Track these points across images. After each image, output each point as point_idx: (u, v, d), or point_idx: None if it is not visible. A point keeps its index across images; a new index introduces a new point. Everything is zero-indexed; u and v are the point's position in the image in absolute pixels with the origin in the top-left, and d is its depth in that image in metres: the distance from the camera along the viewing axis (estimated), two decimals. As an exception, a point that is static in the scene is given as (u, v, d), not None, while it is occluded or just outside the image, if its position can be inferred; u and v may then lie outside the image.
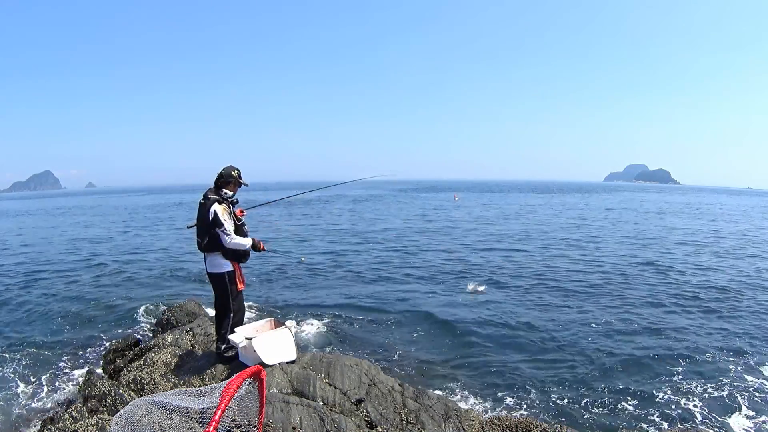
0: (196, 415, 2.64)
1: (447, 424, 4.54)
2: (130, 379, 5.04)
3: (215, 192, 4.86)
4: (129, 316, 9.61)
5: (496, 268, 13.77)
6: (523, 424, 4.69)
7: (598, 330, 8.42)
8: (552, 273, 13.13)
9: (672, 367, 6.95)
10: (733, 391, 6.21)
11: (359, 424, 4.32)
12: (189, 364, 5.27)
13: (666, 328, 8.49)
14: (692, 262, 15.02)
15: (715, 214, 38.88)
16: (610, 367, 6.90)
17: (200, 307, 8.26)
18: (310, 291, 11.38)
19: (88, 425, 4.16)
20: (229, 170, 4.91)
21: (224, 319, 5.04)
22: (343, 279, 12.60)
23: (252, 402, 2.93)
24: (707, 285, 11.78)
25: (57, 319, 9.61)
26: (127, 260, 16.29)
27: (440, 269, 13.74)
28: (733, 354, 7.40)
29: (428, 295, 10.86)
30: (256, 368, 2.81)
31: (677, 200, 64.30)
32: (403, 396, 4.82)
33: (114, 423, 2.89)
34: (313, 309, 9.76)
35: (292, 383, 4.68)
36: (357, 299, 10.52)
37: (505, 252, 16.83)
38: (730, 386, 6.35)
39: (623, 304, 10.06)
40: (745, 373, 6.76)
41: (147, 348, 6.18)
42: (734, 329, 8.50)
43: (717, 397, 6.09)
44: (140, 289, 12.08)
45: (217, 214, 4.65)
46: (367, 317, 9.21)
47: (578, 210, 39.88)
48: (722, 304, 10.06)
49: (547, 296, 10.69)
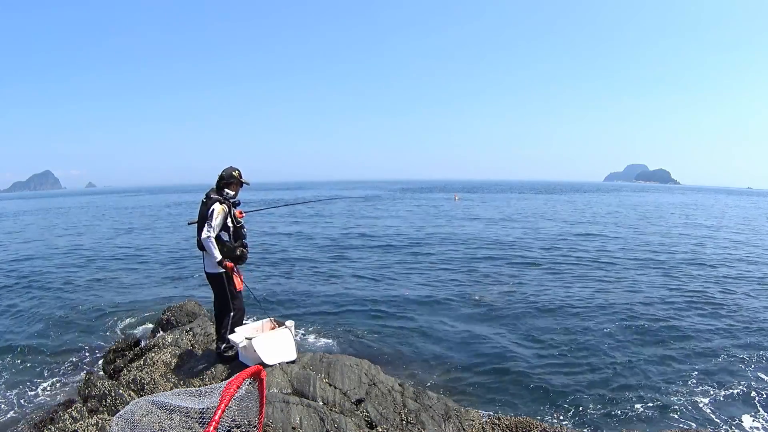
0: (196, 415, 2.64)
1: (447, 424, 4.54)
2: (130, 379, 5.04)
3: (217, 192, 4.90)
4: (129, 316, 9.62)
5: (496, 269, 13.78)
6: (523, 424, 4.69)
7: (598, 330, 8.41)
8: (553, 272, 13.14)
9: (673, 367, 6.94)
10: (736, 392, 6.21)
11: (359, 424, 4.32)
12: (189, 364, 5.26)
13: (669, 328, 8.48)
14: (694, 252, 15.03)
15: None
16: (611, 367, 6.90)
17: (200, 307, 8.25)
18: (310, 291, 11.37)
19: (88, 425, 4.16)
20: (229, 171, 4.95)
21: (224, 319, 5.04)
22: (343, 279, 12.59)
23: (252, 402, 2.93)
24: (709, 286, 11.78)
25: (57, 319, 9.61)
26: (127, 260, 16.30)
27: (440, 269, 13.73)
28: (739, 354, 7.39)
29: (428, 295, 10.85)
30: (256, 368, 2.81)
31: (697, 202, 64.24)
32: (403, 396, 4.82)
33: (114, 423, 2.89)
34: (313, 309, 9.76)
35: (292, 383, 4.68)
36: (357, 299, 10.52)
37: (505, 253, 16.82)
38: (731, 387, 6.35)
39: (624, 304, 10.05)
40: (750, 373, 6.75)
41: (147, 348, 6.17)
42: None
43: (718, 398, 6.09)
44: (140, 289, 12.08)
45: (214, 210, 4.71)
46: (367, 317, 9.21)
47: (580, 208, 39.91)
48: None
49: (547, 296, 10.68)
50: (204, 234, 4.68)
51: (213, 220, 4.68)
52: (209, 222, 4.69)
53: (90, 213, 44.12)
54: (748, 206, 53.62)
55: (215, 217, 4.69)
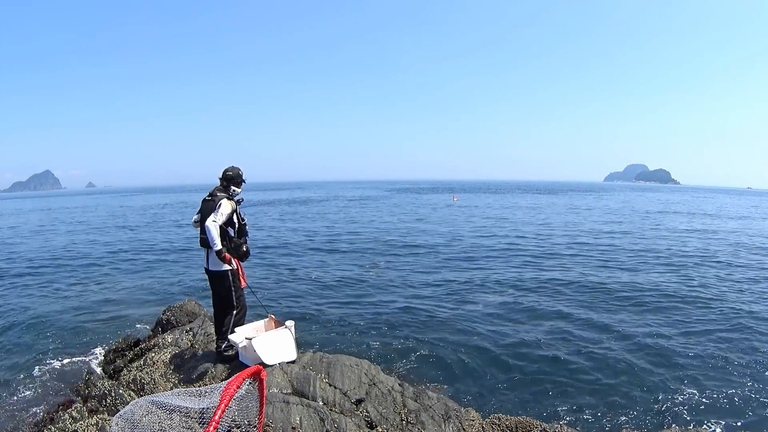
0: (196, 415, 2.64)
1: (447, 424, 4.54)
2: (130, 379, 5.04)
3: (224, 190, 4.95)
4: (128, 316, 9.62)
5: (496, 269, 13.78)
6: (523, 424, 4.70)
7: (598, 330, 8.41)
8: (554, 273, 13.14)
9: (674, 368, 6.94)
10: (737, 392, 6.21)
11: (359, 424, 4.32)
12: (189, 364, 5.26)
13: (670, 329, 8.48)
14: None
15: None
16: (611, 368, 6.89)
17: (200, 307, 8.25)
18: (310, 291, 11.38)
19: (88, 425, 4.16)
20: (236, 170, 5.03)
21: (225, 317, 5.04)
22: (344, 279, 12.59)
23: (252, 402, 2.93)
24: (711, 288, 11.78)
25: (56, 318, 9.61)
26: (127, 260, 16.30)
27: (440, 270, 13.73)
28: (741, 355, 7.39)
29: (429, 295, 10.85)
30: (256, 368, 2.81)
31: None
32: (403, 396, 4.82)
33: (114, 423, 2.89)
34: (313, 309, 9.76)
35: (292, 383, 4.68)
36: (357, 299, 10.52)
37: (505, 253, 16.83)
38: (732, 387, 6.35)
39: (625, 304, 10.06)
40: (752, 375, 6.75)
41: (147, 348, 6.17)
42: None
43: (719, 398, 6.09)
44: (140, 288, 12.08)
45: (222, 205, 4.73)
46: (367, 317, 9.20)
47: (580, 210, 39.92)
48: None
49: (547, 297, 10.69)
50: (210, 219, 4.64)
51: (220, 210, 4.70)
52: (216, 211, 4.69)
53: (90, 213, 44.10)
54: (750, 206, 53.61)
55: (223, 208, 4.72)
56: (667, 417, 5.66)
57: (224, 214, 4.72)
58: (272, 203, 51.15)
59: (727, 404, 5.94)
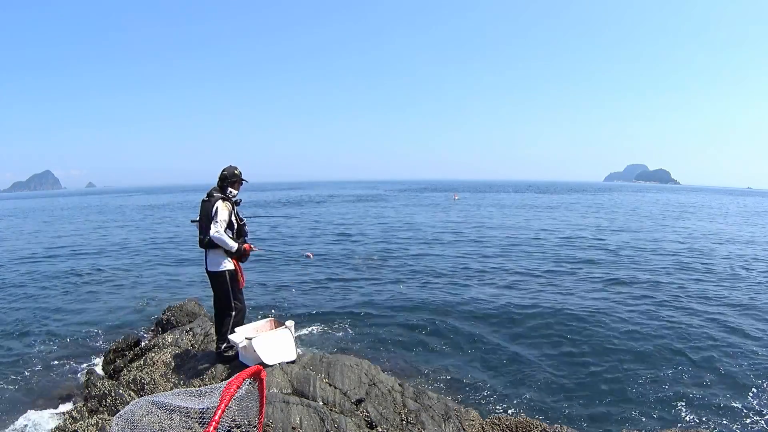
0: (196, 415, 2.64)
1: (447, 424, 4.54)
2: (130, 379, 5.04)
3: (220, 191, 4.95)
4: (129, 316, 9.62)
5: (495, 269, 13.77)
6: (523, 424, 4.69)
7: (599, 330, 8.40)
8: (552, 272, 13.13)
9: (674, 367, 6.94)
10: (738, 392, 6.21)
11: (359, 424, 4.32)
12: (189, 364, 5.26)
13: (672, 328, 8.48)
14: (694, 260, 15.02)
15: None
16: (611, 368, 6.89)
17: (200, 307, 8.26)
18: (310, 291, 11.37)
19: (88, 425, 4.16)
20: (232, 170, 5.02)
21: (225, 318, 5.05)
22: (343, 279, 12.59)
23: (252, 402, 2.93)
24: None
25: (56, 318, 9.61)
26: (127, 260, 16.30)
27: (440, 270, 13.73)
28: (743, 355, 7.38)
29: (429, 295, 10.84)
30: (256, 368, 2.80)
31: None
32: (403, 396, 4.82)
33: (114, 423, 2.89)
34: (313, 309, 9.76)
35: (292, 383, 4.68)
36: (357, 299, 10.52)
37: (505, 252, 16.82)
38: (733, 387, 6.35)
39: (625, 305, 10.05)
40: (754, 374, 6.75)
41: (147, 348, 6.18)
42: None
43: (720, 397, 6.08)
44: (140, 288, 12.08)
45: (218, 208, 4.75)
46: (367, 317, 9.20)
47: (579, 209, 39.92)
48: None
49: (547, 297, 10.68)
50: (213, 231, 4.70)
51: (218, 216, 4.73)
52: (215, 219, 4.72)
53: (89, 212, 44.10)
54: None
55: (220, 214, 4.74)
56: (667, 417, 5.65)
57: (223, 219, 4.75)
58: (272, 203, 51.17)
59: (728, 404, 5.93)
